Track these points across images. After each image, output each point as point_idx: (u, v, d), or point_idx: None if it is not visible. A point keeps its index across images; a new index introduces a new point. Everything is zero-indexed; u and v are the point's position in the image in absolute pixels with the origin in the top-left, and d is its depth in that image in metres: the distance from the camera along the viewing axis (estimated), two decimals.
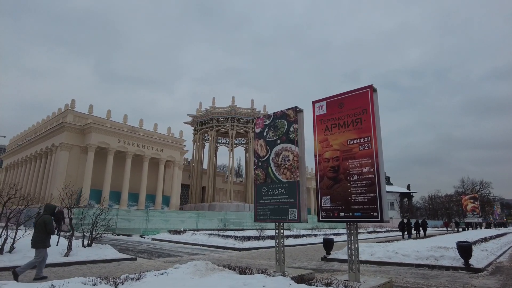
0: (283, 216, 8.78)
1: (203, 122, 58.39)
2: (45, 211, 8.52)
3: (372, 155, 7.44)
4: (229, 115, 56.94)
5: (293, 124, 9.16)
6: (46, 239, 8.23)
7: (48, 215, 8.43)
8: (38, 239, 8.16)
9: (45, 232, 8.19)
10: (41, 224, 8.19)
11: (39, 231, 8.21)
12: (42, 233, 8.18)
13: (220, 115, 57.35)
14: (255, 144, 10.09)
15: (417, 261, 11.11)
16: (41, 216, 8.44)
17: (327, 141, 8.35)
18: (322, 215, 8.08)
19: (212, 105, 58.14)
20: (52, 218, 8.49)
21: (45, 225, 8.16)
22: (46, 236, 8.23)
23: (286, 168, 9.01)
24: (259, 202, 9.53)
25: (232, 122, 57.22)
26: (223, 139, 64.66)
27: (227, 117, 57.23)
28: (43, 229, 8.18)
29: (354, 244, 7.52)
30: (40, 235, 8.19)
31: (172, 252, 15.55)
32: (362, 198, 7.40)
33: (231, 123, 57.11)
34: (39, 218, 8.37)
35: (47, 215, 8.39)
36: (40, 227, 8.21)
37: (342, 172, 7.87)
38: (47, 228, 8.18)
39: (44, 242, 8.18)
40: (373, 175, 7.33)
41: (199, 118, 58.57)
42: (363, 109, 7.82)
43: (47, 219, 8.29)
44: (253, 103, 61.40)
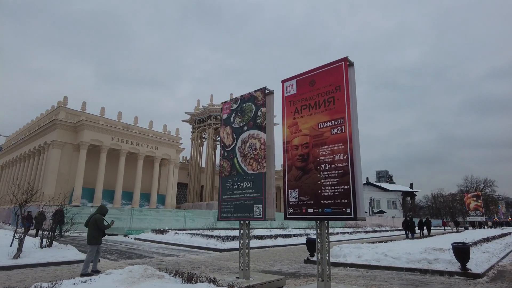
0: (248, 214, 7.59)
1: (201, 120, 57.29)
2: (97, 211, 9.40)
3: (345, 139, 6.22)
4: None
5: (261, 108, 7.96)
6: (98, 236, 9.05)
7: (99, 215, 9.25)
8: (92, 236, 8.99)
9: (97, 229, 9.00)
10: (93, 222, 8.99)
11: (92, 229, 9.02)
12: (95, 231, 8.98)
13: (218, 113, 56.07)
14: (221, 132, 8.90)
15: (408, 265, 9.86)
16: (93, 215, 9.25)
17: (296, 126, 7.13)
18: (289, 211, 6.87)
19: (210, 102, 56.97)
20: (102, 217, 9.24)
21: (96, 224, 8.97)
22: (98, 233, 9.04)
23: (253, 158, 7.81)
24: (223, 198, 8.34)
25: None
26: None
27: None
28: (96, 227, 8.98)
29: (324, 247, 6.30)
30: (93, 232, 8.99)
31: (146, 253, 14.42)
32: (333, 191, 6.18)
33: None
34: (91, 217, 9.17)
35: (98, 215, 9.22)
36: (92, 225, 9.02)
37: (311, 160, 6.65)
38: (98, 226, 8.98)
39: (97, 239, 9.00)
40: (346, 163, 6.10)
41: (197, 116, 57.47)
42: (336, 86, 6.59)
43: (98, 218, 9.09)
44: None
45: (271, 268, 10.84)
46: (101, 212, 9.36)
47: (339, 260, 11.18)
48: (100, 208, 9.59)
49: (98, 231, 9.02)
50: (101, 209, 9.55)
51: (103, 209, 9.55)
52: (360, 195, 5.98)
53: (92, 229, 9.01)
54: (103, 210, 9.49)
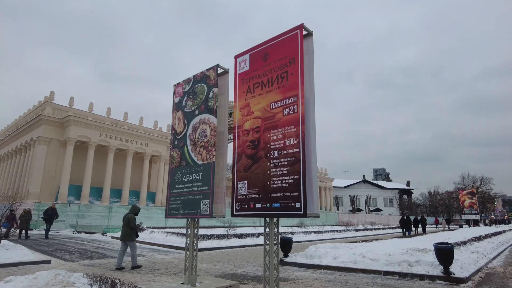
0: (195, 210, 6.57)
1: None
2: (131, 211, 10.05)
3: (297, 121, 5.19)
4: None
5: (213, 89, 6.92)
6: (131, 233, 9.66)
7: (132, 214, 9.91)
8: (126, 234, 9.66)
9: (130, 227, 9.62)
10: (126, 221, 9.68)
11: (125, 227, 9.69)
12: (128, 229, 9.63)
13: None
14: (172, 118, 7.86)
15: (387, 267, 8.87)
16: (127, 214, 9.90)
17: (248, 107, 6.10)
18: (236, 206, 5.85)
19: None
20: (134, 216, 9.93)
21: (129, 222, 9.63)
22: (131, 231, 9.66)
23: (202, 147, 6.79)
24: (171, 193, 7.32)
25: None
26: None
27: None
28: (128, 226, 9.63)
29: (272, 249, 5.28)
30: (126, 230, 9.65)
31: (112, 252, 13.40)
32: (282, 182, 5.16)
33: None
34: (125, 216, 9.84)
35: (131, 214, 9.89)
36: (125, 224, 9.71)
37: (262, 147, 5.63)
38: (130, 225, 9.62)
39: (131, 236, 9.64)
40: (297, 149, 5.09)
41: None
42: (291, 59, 5.56)
43: (131, 217, 9.79)
44: None
45: (238, 270, 9.85)
46: (133, 212, 10.05)
47: (313, 261, 10.20)
48: (133, 208, 10.23)
49: (130, 229, 9.70)
50: (134, 209, 10.20)
51: (135, 209, 10.20)
52: (312, 187, 4.97)
53: (125, 227, 9.73)
54: (135, 210, 10.15)
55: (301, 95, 5.24)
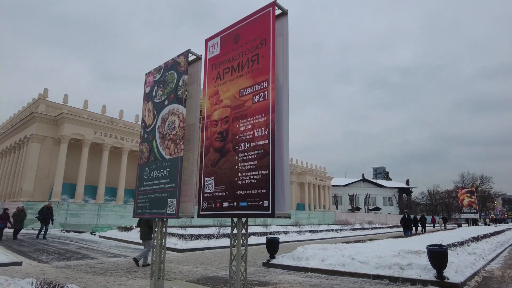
0: (162, 209, 5.98)
1: None
2: None
3: (267, 109, 4.59)
4: None
5: (183, 76, 6.31)
6: (149, 232, 9.89)
7: None
8: (144, 233, 10.03)
9: (148, 226, 9.94)
10: (145, 221, 10.00)
11: (144, 226, 10.08)
12: (146, 228, 9.99)
13: None
14: (143, 110, 7.26)
15: (377, 271, 8.27)
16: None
17: (217, 95, 5.50)
18: (203, 206, 5.25)
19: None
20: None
21: (147, 221, 9.94)
22: (149, 230, 9.92)
23: (171, 140, 6.19)
24: (139, 190, 6.73)
25: None
26: None
27: None
28: (147, 224, 9.99)
29: (239, 253, 4.68)
30: (145, 229, 10.02)
31: (94, 252, 12.84)
32: (250, 178, 4.57)
33: None
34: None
35: None
36: (144, 223, 10.08)
37: (230, 139, 5.03)
38: (148, 223, 9.94)
39: (149, 235, 9.88)
40: (266, 140, 4.49)
41: None
42: (262, 40, 4.95)
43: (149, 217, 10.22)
44: None
45: (219, 273, 9.26)
46: None
47: (300, 263, 9.60)
48: None
49: (149, 228, 9.96)
50: None
51: None
52: (283, 184, 4.37)
53: (143, 227, 10.08)
54: None
55: (272, 80, 4.64)
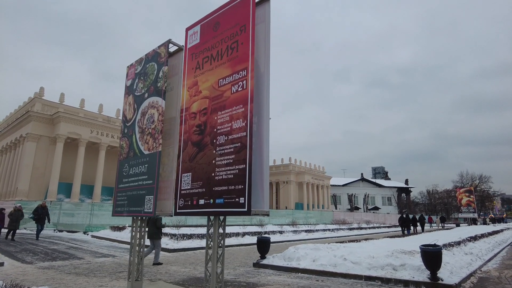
0: (139, 207, 5.67)
1: None
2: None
3: (245, 99, 4.29)
4: None
5: (163, 67, 6.00)
6: (158, 232, 10.36)
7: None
8: (153, 233, 10.23)
9: (155, 227, 10.26)
10: (153, 221, 10.23)
11: (152, 226, 10.25)
12: (154, 228, 10.24)
13: None
14: (124, 104, 6.95)
15: (369, 272, 7.97)
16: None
17: (196, 86, 5.20)
18: (179, 203, 4.95)
19: None
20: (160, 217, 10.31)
21: (156, 222, 10.27)
22: (157, 230, 10.31)
23: (149, 134, 5.88)
24: (119, 187, 6.42)
25: None
26: None
27: None
28: (154, 225, 10.25)
29: (215, 253, 4.38)
30: (153, 229, 10.24)
31: (82, 252, 12.53)
32: (227, 173, 4.27)
33: None
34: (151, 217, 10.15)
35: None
36: (152, 223, 10.25)
37: (208, 132, 4.73)
38: (157, 224, 10.29)
39: (158, 234, 10.31)
40: (244, 132, 4.19)
41: None
42: (242, 27, 4.64)
43: (158, 218, 10.25)
44: None
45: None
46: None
47: (291, 264, 9.30)
48: None
49: (156, 229, 10.29)
50: None
51: None
52: (263, 180, 4.07)
53: (151, 227, 10.24)
54: None
55: (251, 68, 4.33)
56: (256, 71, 4.46)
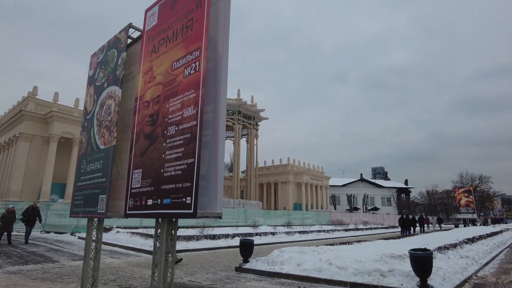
0: (93, 208, 5.09)
1: None
2: None
3: (197, 83, 3.72)
4: None
5: (122, 53, 5.43)
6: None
7: None
8: None
9: None
10: None
11: None
12: None
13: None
14: (85, 95, 6.38)
15: (355, 278, 7.38)
16: None
17: (151, 72, 4.62)
18: (129, 204, 4.37)
19: None
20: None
21: None
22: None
23: (106, 127, 5.31)
24: (76, 186, 5.85)
25: None
26: None
27: None
28: None
29: (161, 260, 3.79)
30: None
31: (59, 255, 11.95)
32: (176, 169, 3.69)
33: None
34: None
35: None
36: None
37: (160, 122, 4.16)
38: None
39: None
40: (194, 121, 3.62)
41: None
42: (198, 2, 4.06)
43: None
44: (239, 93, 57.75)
45: (184, 278, 8.39)
46: None
47: (274, 269, 8.71)
48: None
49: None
50: None
51: None
52: (216, 177, 3.49)
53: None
54: None
55: (205, 47, 3.75)
56: (214, 52, 3.89)
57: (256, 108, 59.84)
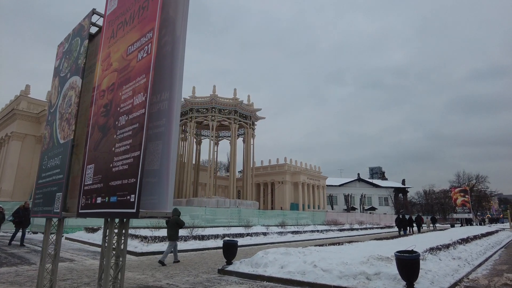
0: (50, 207, 4.71)
1: (183, 113, 53.96)
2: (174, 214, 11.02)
3: (148, 67, 3.34)
4: (209, 105, 52.45)
5: (85, 41, 5.05)
6: (177, 233, 11.10)
7: (177, 216, 11.15)
8: (171, 234, 10.89)
9: (176, 228, 10.92)
10: (174, 223, 10.88)
11: (172, 228, 10.88)
12: (174, 229, 10.87)
13: (200, 105, 52.83)
14: (51, 87, 5.99)
15: (340, 281, 7.02)
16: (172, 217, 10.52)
17: (108, 58, 4.25)
18: (81, 202, 3.99)
19: (192, 94, 53.70)
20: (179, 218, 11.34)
21: (177, 223, 10.95)
22: (177, 231, 11.06)
23: (66, 120, 4.92)
24: (38, 183, 5.48)
25: (213, 112, 52.80)
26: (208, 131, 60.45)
27: (207, 108, 52.81)
28: (176, 226, 10.91)
29: (108, 266, 3.41)
30: (173, 230, 10.87)
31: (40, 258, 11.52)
32: (123, 163, 3.33)
33: (212, 114, 52.71)
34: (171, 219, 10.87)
35: (176, 216, 11.10)
36: (172, 225, 10.90)
37: (113, 112, 3.79)
38: (179, 225, 11.03)
39: (176, 236, 10.99)
40: (143, 109, 3.24)
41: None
42: None
43: (178, 219, 11.08)
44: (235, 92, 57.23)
45: (162, 281, 8.00)
46: (177, 214, 11.17)
47: (257, 271, 8.34)
48: (176, 211, 11.16)
49: (176, 230, 10.94)
50: (175, 211, 11.13)
51: (177, 211, 11.25)
52: (167, 173, 3.12)
53: (171, 228, 10.86)
54: (177, 212, 11.20)
55: (157, 28, 3.37)
56: (172, 35, 3.52)
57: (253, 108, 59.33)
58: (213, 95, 51.73)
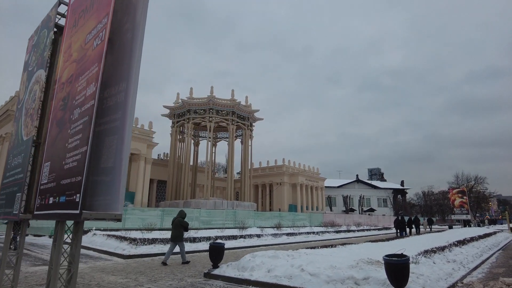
0: (11, 208, 4.41)
1: (180, 114, 53.67)
2: (180, 216, 11.53)
3: (100, 56, 3.05)
4: (207, 107, 52.18)
5: (50, 32, 4.76)
6: (181, 234, 11.23)
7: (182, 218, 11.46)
8: (175, 235, 11.12)
9: (180, 229, 11.19)
10: (179, 224, 11.20)
11: (177, 229, 11.17)
12: (179, 230, 11.16)
13: (198, 107, 52.57)
14: (20, 83, 5.70)
15: (327, 286, 6.71)
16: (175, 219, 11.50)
17: (70, 49, 3.97)
18: (36, 203, 3.69)
19: (190, 96, 53.40)
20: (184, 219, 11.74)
21: (182, 225, 11.27)
22: (181, 232, 11.22)
23: (30, 116, 4.63)
24: (2, 183, 5.16)
25: (210, 114, 52.53)
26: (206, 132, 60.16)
27: (205, 109, 52.55)
28: (180, 227, 11.20)
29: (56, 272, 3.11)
30: (178, 232, 11.15)
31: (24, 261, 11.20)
32: (73, 159, 3.05)
33: (210, 115, 52.45)
34: (175, 221, 11.43)
35: (180, 218, 11.42)
36: (177, 226, 11.19)
37: (69, 105, 3.51)
38: (184, 226, 11.34)
39: (181, 237, 11.19)
40: (93, 101, 2.95)
41: (176, 110, 53.78)
42: None
43: (182, 221, 11.38)
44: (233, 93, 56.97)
45: (149, 285, 7.71)
46: (182, 216, 11.51)
47: (242, 275, 8.04)
48: (182, 213, 11.65)
49: (181, 231, 11.14)
50: (182, 213, 11.62)
51: (183, 213, 11.65)
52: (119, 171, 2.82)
53: (176, 230, 11.12)
54: (182, 214, 11.61)
55: (112, 11, 3.09)
56: (133, 22, 3.23)
57: (251, 109, 59.07)
58: (210, 96, 51.46)
